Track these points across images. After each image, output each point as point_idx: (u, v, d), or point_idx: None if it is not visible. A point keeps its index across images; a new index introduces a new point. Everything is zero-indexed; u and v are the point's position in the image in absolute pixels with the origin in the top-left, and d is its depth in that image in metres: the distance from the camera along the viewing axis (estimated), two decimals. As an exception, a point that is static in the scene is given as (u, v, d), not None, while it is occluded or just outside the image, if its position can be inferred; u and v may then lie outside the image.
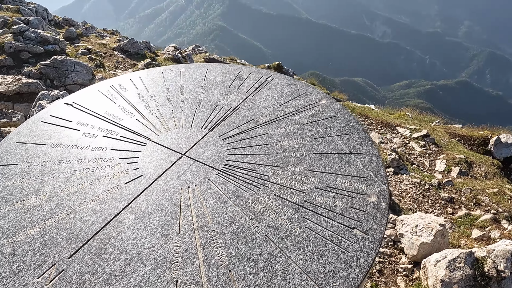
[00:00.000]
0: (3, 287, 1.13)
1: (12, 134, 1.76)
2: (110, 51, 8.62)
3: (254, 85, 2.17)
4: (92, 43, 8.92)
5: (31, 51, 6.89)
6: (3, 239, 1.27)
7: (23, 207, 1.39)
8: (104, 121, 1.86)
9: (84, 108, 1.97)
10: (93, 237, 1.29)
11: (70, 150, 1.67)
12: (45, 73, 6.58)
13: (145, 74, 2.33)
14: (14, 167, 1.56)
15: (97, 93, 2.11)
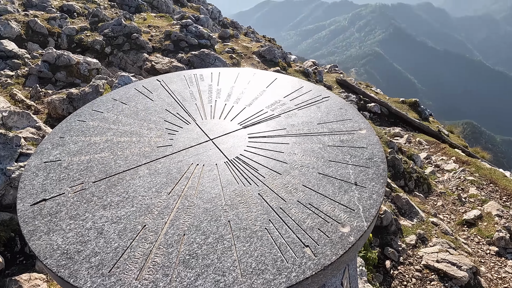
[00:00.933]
0: (49, 186, 1.63)
1: (112, 92, 2.37)
2: (250, 54, 9.65)
3: (307, 101, 2.29)
4: (238, 45, 10.16)
5: (188, 41, 8.35)
6: (66, 157, 1.80)
7: (89, 141, 1.91)
8: (172, 99, 2.31)
9: (166, 86, 2.46)
10: (114, 175, 1.69)
11: (139, 112, 2.16)
12: (191, 61, 7.90)
13: (224, 71, 2.72)
14: (99, 114, 2.13)
15: (182, 77, 2.59)
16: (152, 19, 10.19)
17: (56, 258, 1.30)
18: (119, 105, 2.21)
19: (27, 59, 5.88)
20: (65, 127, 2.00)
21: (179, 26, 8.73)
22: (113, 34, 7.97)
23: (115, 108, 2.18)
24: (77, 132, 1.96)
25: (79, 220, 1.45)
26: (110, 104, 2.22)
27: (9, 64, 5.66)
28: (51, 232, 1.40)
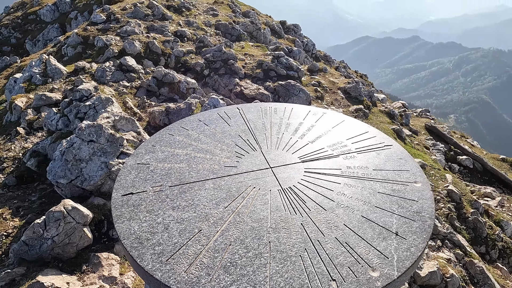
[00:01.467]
0: (137, 183, 2.04)
1: (199, 113, 2.80)
2: (335, 89, 9.80)
3: (368, 146, 2.39)
4: (325, 79, 10.39)
5: (277, 72, 8.89)
6: (154, 162, 2.22)
7: (173, 152, 2.32)
8: (246, 126, 2.63)
9: (244, 114, 2.81)
10: (186, 184, 2.04)
11: (216, 134, 2.52)
12: (277, 90, 8.38)
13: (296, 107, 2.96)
14: (185, 131, 2.55)
15: (258, 108, 2.91)
16: (249, 47, 11.10)
17: (131, 240, 1.65)
18: (202, 125, 2.61)
19: (141, 73, 6.98)
20: (157, 138, 2.45)
21: (271, 57, 9.37)
22: (213, 58, 8.93)
23: (198, 128, 2.58)
24: (166, 143, 2.39)
25: (152, 215, 1.80)
26: (195, 123, 2.63)
27: (127, 77, 6.80)
28: (131, 219, 1.77)
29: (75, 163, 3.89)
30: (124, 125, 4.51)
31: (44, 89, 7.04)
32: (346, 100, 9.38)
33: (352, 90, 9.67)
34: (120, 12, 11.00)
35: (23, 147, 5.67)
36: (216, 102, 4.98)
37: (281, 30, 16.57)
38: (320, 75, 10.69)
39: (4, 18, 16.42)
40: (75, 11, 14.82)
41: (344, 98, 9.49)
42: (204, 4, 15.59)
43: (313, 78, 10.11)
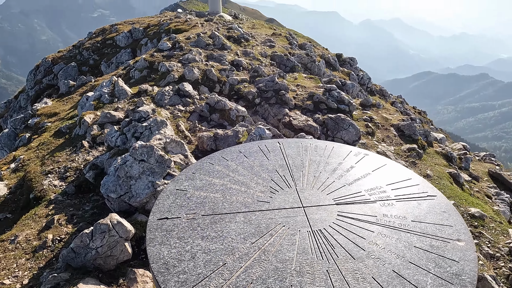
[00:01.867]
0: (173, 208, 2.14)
1: (240, 145, 2.89)
2: (387, 126, 9.47)
3: (409, 194, 2.27)
4: (378, 115, 10.10)
5: (328, 104, 8.86)
6: (191, 189, 2.32)
7: (211, 181, 2.41)
8: (284, 162, 2.65)
9: (283, 149, 2.84)
10: (218, 214, 2.10)
11: (254, 167, 2.58)
12: (326, 123, 8.32)
13: (338, 146, 2.93)
14: (225, 161, 2.65)
15: (299, 144, 2.93)
16: (302, 79, 11.26)
17: (159, 265, 1.73)
18: (241, 157, 2.69)
19: (196, 99, 7.39)
20: (198, 166, 2.57)
21: (322, 90, 9.39)
22: (265, 88, 9.18)
23: (237, 159, 2.66)
24: (205, 172, 2.50)
25: (182, 242, 1.88)
26: (236, 154, 2.72)
27: (183, 101, 7.24)
28: (163, 244, 1.86)
29: (125, 180, 4.17)
30: (174, 148, 4.77)
31: (110, 108, 7.74)
32: (398, 138, 9.00)
33: (406, 128, 9.27)
34: (184, 41, 11.88)
35: (85, 159, 6.22)
36: (262, 132, 5.09)
37: (336, 63, 16.61)
38: (373, 110, 10.43)
39: (87, 42, 18.55)
40: (146, 38, 16.30)
41: (397, 135, 9.12)
42: (262, 35, 16.26)
43: (365, 113, 9.89)
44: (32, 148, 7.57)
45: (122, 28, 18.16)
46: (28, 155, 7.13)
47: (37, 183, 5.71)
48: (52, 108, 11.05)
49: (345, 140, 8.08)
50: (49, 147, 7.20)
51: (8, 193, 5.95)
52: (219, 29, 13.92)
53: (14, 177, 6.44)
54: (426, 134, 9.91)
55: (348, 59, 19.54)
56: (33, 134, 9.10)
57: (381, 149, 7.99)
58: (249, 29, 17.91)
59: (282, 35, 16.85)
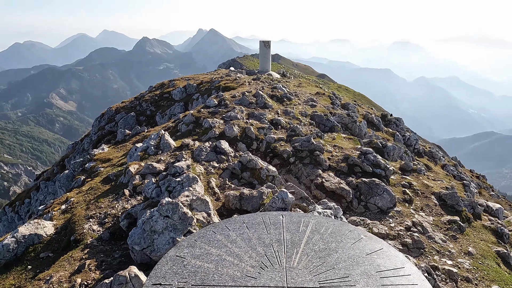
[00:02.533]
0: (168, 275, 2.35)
1: (244, 216, 3.08)
2: (428, 193, 9.03)
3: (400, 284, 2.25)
4: (418, 181, 9.72)
5: (363, 168, 8.79)
6: (189, 257, 2.53)
7: (208, 250, 2.60)
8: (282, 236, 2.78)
9: (285, 223, 2.97)
10: (206, 286, 2.26)
11: (252, 239, 2.73)
12: (359, 187, 8.20)
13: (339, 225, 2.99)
14: (227, 231, 2.84)
15: (301, 220, 3.05)
16: (340, 139, 11.35)
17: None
18: (243, 228, 2.88)
19: (230, 156, 7.81)
20: (201, 233, 2.79)
21: (358, 152, 9.38)
22: (301, 147, 9.41)
23: (239, 230, 2.85)
24: (206, 240, 2.71)
25: (167, 310, 2.05)
26: (238, 225, 2.91)
27: (218, 158, 7.69)
28: (150, 310, 2.05)
29: (149, 234, 4.49)
30: (199, 205, 5.07)
31: (153, 159, 8.43)
32: (439, 208, 8.52)
33: (448, 197, 8.78)
34: (230, 99, 12.78)
35: (124, 207, 6.75)
36: (284, 195, 5.23)
37: (380, 123, 16.49)
38: (413, 176, 10.06)
39: (147, 94, 20.60)
40: (198, 94, 17.74)
41: (438, 205, 8.64)
42: (306, 94, 16.88)
43: (404, 178, 9.58)
44: (82, 191, 8.37)
45: (179, 84, 20.00)
46: (78, 198, 7.88)
47: (79, 226, 6.27)
48: (107, 154, 12.20)
49: (378, 206, 7.85)
50: (96, 192, 7.92)
51: (54, 233, 6.57)
52: (263, 88, 14.78)
53: (62, 218, 7.12)
54: (472, 205, 9.26)
55: (394, 119, 19.29)
56: (87, 178, 10.07)
57: (417, 219, 7.61)
58: (295, 87, 18.70)
59: (326, 94, 17.33)
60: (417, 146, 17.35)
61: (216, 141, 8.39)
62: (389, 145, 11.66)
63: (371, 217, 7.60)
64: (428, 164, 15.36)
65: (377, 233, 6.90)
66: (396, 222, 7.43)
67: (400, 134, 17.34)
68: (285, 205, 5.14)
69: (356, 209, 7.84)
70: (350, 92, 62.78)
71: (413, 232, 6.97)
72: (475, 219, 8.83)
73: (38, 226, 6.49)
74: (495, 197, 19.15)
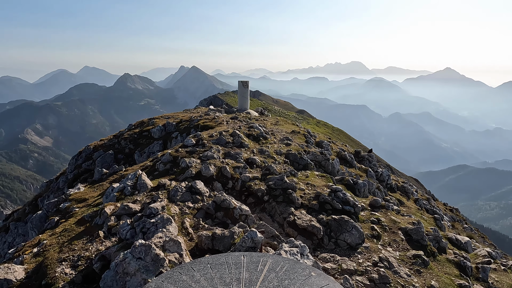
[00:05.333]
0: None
1: (212, 256, 3.38)
2: (395, 229, 9.49)
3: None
4: (386, 216, 10.20)
5: (333, 205, 9.22)
6: None
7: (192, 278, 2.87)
8: (241, 277, 3.08)
9: (245, 265, 3.28)
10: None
11: (214, 279, 3.02)
12: (329, 224, 8.56)
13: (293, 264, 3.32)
14: (192, 271, 3.12)
15: (260, 259, 3.37)
16: (313, 177, 11.84)
17: None
18: (207, 268, 3.17)
19: (205, 196, 8.08)
20: (169, 274, 3.06)
21: (328, 190, 9.85)
22: (274, 186, 9.80)
23: (203, 270, 3.14)
24: (172, 281, 2.98)
25: None
26: (203, 265, 3.20)
27: (193, 198, 7.95)
28: None
29: (122, 276, 4.65)
30: (171, 246, 5.28)
31: (129, 200, 8.57)
32: (406, 243, 8.94)
33: (413, 232, 9.25)
34: (207, 138, 13.20)
35: (98, 249, 6.80)
36: (254, 235, 5.52)
37: (353, 160, 17.22)
38: (382, 212, 10.56)
39: (126, 133, 20.78)
40: (177, 132, 18.11)
41: (405, 240, 9.07)
42: (283, 132, 17.57)
43: (373, 214, 10.04)
44: (56, 233, 8.33)
45: (158, 122, 20.36)
46: (51, 240, 7.85)
47: (51, 270, 6.27)
48: (83, 193, 12.16)
49: (348, 243, 8.20)
50: (70, 234, 7.92)
51: (24, 277, 6.51)
52: (241, 128, 15.35)
53: (33, 261, 7.07)
54: (437, 239, 9.77)
55: (367, 155, 20.16)
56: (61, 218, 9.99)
57: (384, 254, 7.98)
58: (272, 125, 19.42)
59: (301, 132, 18.09)
60: (390, 182, 18.09)
61: (192, 181, 8.68)
62: (360, 182, 12.23)
63: (341, 253, 7.92)
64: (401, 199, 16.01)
65: (346, 269, 7.20)
66: (364, 258, 7.77)
67: (373, 170, 18.09)
68: (254, 244, 5.43)
69: (326, 245, 8.15)
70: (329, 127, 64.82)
71: (379, 268, 7.30)
72: (440, 253, 9.29)
73: (8, 271, 6.43)
74: (468, 230, 19.86)
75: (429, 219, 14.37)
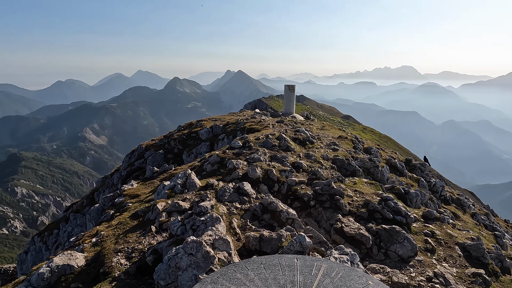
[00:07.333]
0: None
1: (263, 257, 3.38)
2: (452, 243, 8.85)
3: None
4: (441, 230, 9.55)
5: (383, 214, 8.83)
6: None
7: (229, 287, 2.90)
8: (295, 279, 3.04)
9: (299, 268, 3.24)
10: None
11: (268, 279, 3.01)
12: (379, 234, 8.21)
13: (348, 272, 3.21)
14: (246, 270, 3.14)
15: (314, 264, 3.30)
16: (361, 184, 11.45)
17: None
18: (261, 268, 3.17)
19: (252, 198, 8.14)
20: (223, 271, 3.11)
21: (378, 198, 9.45)
22: (321, 191, 9.62)
23: (257, 270, 3.15)
24: (227, 278, 3.02)
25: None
26: (257, 265, 3.22)
27: (240, 199, 8.05)
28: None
29: (174, 270, 4.82)
30: (221, 245, 5.38)
31: (179, 198, 8.89)
32: (464, 260, 8.31)
33: (472, 249, 8.57)
34: (254, 141, 13.32)
35: (150, 243, 7.13)
36: (302, 239, 5.45)
37: (403, 168, 16.41)
38: (436, 224, 9.91)
39: (176, 133, 21.65)
40: (224, 134, 18.50)
41: (462, 256, 8.43)
42: (329, 137, 17.23)
43: (427, 227, 9.46)
44: (112, 225, 8.86)
45: (206, 124, 20.96)
46: (107, 232, 8.36)
47: (108, 259, 6.67)
48: (135, 190, 12.84)
49: (399, 254, 7.80)
50: (125, 227, 8.38)
51: (84, 265, 6.99)
52: (287, 131, 15.30)
53: (92, 250, 7.57)
54: (500, 258, 8.97)
55: (419, 164, 19.11)
56: (116, 212, 10.62)
57: (439, 270, 7.47)
58: (318, 130, 19.14)
59: (348, 138, 17.60)
60: (444, 193, 16.98)
61: (239, 182, 8.79)
62: (412, 192, 11.61)
63: (391, 265, 7.56)
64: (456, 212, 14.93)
65: (397, 282, 6.84)
66: (417, 272, 7.34)
67: (425, 180, 17.08)
68: (302, 249, 5.35)
69: (375, 256, 7.82)
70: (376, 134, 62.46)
71: (434, 284, 6.85)
72: (503, 274, 8.51)
73: (71, 257, 6.94)
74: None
75: (488, 235, 13.22)
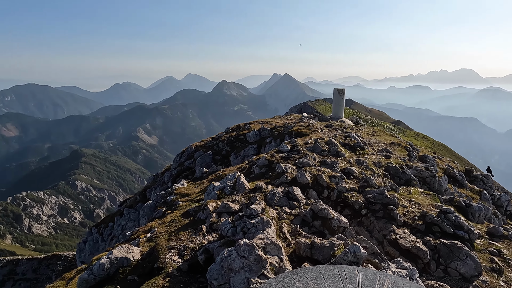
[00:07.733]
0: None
1: (322, 266, 3.29)
2: (522, 265, 8.01)
3: None
4: (510, 249, 8.69)
5: (442, 228, 8.24)
6: (272, 299, 2.81)
7: None
8: (359, 292, 2.91)
9: (361, 281, 3.10)
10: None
11: None
12: (438, 249, 7.67)
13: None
14: (305, 279, 3.07)
15: (376, 277, 3.14)
16: (417, 194, 10.81)
17: None
18: (320, 278, 3.09)
19: (302, 203, 8.03)
20: (282, 278, 3.07)
21: (437, 211, 8.84)
22: (373, 200, 9.22)
23: (316, 279, 3.06)
24: (286, 285, 2.97)
25: None
26: (315, 274, 3.13)
27: (290, 204, 7.97)
28: None
29: (227, 271, 4.87)
30: (272, 249, 5.35)
31: (229, 199, 9.03)
32: (537, 283, 7.47)
33: (548, 273, 7.67)
34: (302, 145, 13.16)
35: (201, 242, 7.30)
36: (357, 249, 5.24)
37: (463, 179, 15.25)
38: (503, 243, 9.04)
39: (224, 135, 22.11)
40: (271, 137, 18.53)
41: (535, 279, 7.59)
42: (380, 143, 16.52)
43: (492, 244, 8.67)
44: (165, 222, 9.22)
45: (253, 127, 21.15)
46: (161, 228, 8.72)
47: (162, 255, 6.94)
48: (186, 189, 13.28)
49: (460, 273, 7.22)
50: (177, 225, 8.68)
51: (140, 258, 7.33)
52: (336, 136, 14.93)
53: (147, 245, 7.93)
54: None
55: (481, 175, 17.65)
56: (168, 210, 11.05)
57: None
58: (368, 135, 18.45)
59: (402, 145, 16.74)
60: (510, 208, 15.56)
61: (288, 187, 8.72)
62: (474, 205, 10.73)
63: (451, 283, 7.02)
64: (521, 231, 13.55)
65: (459, 303, 6.33)
66: (482, 293, 6.74)
67: (488, 193, 15.72)
68: (357, 259, 5.15)
69: (434, 272, 7.31)
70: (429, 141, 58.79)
71: (502, 308, 6.24)
72: None
73: (128, 251, 7.31)
74: None
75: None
